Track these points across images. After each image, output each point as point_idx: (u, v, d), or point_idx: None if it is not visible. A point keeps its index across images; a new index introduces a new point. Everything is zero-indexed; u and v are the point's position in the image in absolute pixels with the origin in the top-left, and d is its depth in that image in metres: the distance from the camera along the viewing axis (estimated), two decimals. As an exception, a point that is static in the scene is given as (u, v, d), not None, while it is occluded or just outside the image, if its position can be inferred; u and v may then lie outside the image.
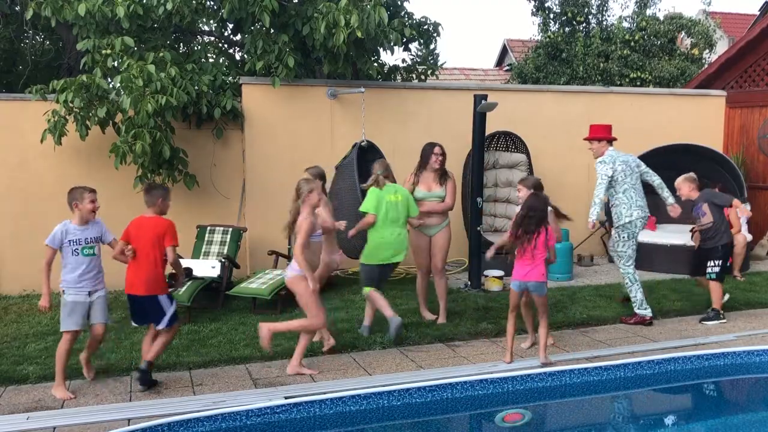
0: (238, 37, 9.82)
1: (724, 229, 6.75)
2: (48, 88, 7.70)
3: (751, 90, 10.63)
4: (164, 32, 8.68)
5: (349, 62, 8.62)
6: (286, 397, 4.70)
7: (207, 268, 7.35)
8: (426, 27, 9.73)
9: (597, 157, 6.77)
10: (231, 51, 10.33)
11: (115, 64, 7.83)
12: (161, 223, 5.11)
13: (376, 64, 9.28)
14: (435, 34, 9.80)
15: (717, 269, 6.69)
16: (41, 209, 8.23)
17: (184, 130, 8.44)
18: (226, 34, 10.01)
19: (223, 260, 7.47)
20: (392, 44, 8.49)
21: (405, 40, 8.93)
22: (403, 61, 10.97)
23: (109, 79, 8.12)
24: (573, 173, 9.94)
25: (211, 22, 9.42)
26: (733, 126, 10.80)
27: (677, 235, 8.94)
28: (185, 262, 6.85)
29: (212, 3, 9.27)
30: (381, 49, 9.32)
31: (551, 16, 14.76)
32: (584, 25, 14.67)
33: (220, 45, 10.25)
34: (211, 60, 9.28)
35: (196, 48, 9.43)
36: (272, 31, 8.37)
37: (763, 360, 5.42)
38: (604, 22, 14.70)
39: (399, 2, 9.66)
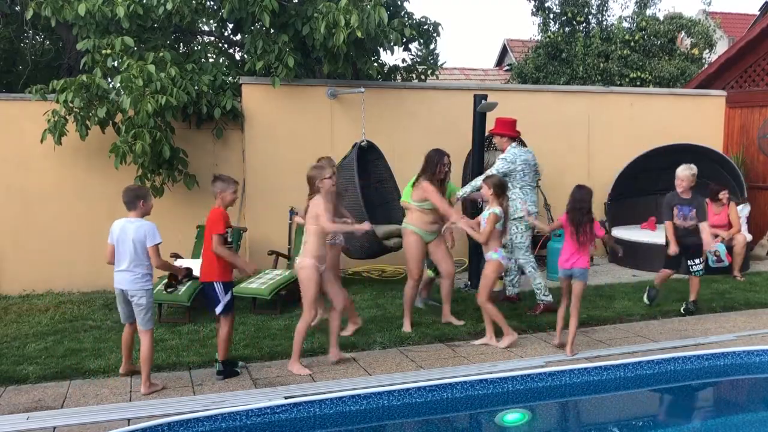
0: (238, 37, 9.81)
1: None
2: (48, 88, 7.70)
3: (751, 90, 10.63)
4: (164, 32, 8.68)
5: (349, 62, 8.61)
6: (286, 397, 4.71)
7: (207, 268, 7.34)
8: (426, 27, 9.72)
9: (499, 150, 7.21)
10: (231, 51, 10.33)
11: (115, 64, 7.83)
12: (215, 212, 5.27)
13: (376, 64, 9.28)
14: (435, 34, 9.79)
15: (703, 264, 7.06)
16: (41, 209, 8.24)
17: (184, 130, 8.44)
18: (226, 34, 10.00)
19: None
20: (392, 44, 8.48)
21: (405, 40, 8.92)
22: (403, 61, 10.97)
23: (109, 79, 8.12)
24: (572, 173, 9.92)
25: (211, 22, 9.42)
26: (733, 126, 10.80)
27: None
28: (185, 262, 6.86)
29: (212, 3, 9.27)
30: (381, 49, 9.31)
31: (551, 16, 14.75)
32: (584, 25, 14.66)
33: (220, 45, 10.25)
34: (211, 60, 9.28)
35: (196, 48, 9.43)
36: (272, 31, 8.36)
37: (763, 360, 5.42)
38: (604, 22, 14.69)
39: (399, 2, 9.65)
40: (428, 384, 4.82)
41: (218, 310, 5.26)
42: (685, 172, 6.89)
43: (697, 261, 6.96)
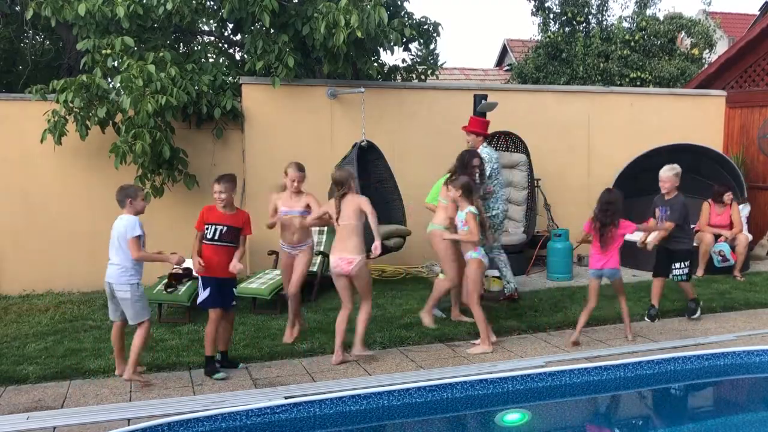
0: (238, 37, 9.82)
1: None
2: (48, 88, 7.70)
3: (751, 90, 10.62)
4: (164, 32, 8.68)
5: (349, 62, 8.61)
6: (286, 397, 4.71)
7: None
8: (426, 27, 9.72)
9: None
10: (231, 51, 10.33)
11: (115, 64, 7.84)
12: None
13: (376, 64, 9.28)
14: (435, 34, 9.80)
15: (687, 270, 6.76)
16: (41, 209, 8.24)
17: (184, 130, 8.44)
18: (226, 34, 10.01)
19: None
20: (392, 44, 8.49)
21: (405, 40, 8.92)
22: (403, 61, 10.97)
23: (109, 79, 8.13)
24: (572, 173, 9.94)
25: (211, 22, 9.42)
26: (733, 126, 10.80)
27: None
28: (185, 263, 6.84)
29: (212, 3, 9.27)
30: (381, 49, 9.31)
31: (551, 16, 14.74)
32: (584, 25, 14.65)
33: (220, 45, 10.25)
34: (211, 60, 9.28)
35: (196, 48, 9.43)
36: (272, 31, 8.37)
37: (763, 360, 5.42)
38: (604, 22, 14.69)
39: (399, 2, 9.65)
40: (428, 384, 4.82)
41: (197, 301, 5.52)
42: (667, 174, 6.81)
43: (677, 266, 6.74)
